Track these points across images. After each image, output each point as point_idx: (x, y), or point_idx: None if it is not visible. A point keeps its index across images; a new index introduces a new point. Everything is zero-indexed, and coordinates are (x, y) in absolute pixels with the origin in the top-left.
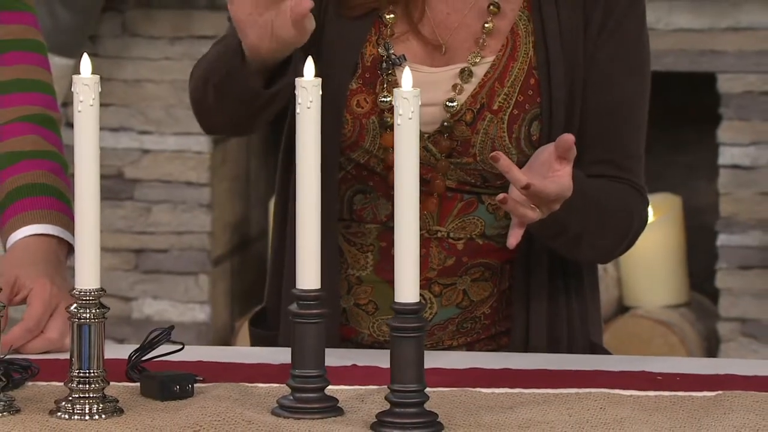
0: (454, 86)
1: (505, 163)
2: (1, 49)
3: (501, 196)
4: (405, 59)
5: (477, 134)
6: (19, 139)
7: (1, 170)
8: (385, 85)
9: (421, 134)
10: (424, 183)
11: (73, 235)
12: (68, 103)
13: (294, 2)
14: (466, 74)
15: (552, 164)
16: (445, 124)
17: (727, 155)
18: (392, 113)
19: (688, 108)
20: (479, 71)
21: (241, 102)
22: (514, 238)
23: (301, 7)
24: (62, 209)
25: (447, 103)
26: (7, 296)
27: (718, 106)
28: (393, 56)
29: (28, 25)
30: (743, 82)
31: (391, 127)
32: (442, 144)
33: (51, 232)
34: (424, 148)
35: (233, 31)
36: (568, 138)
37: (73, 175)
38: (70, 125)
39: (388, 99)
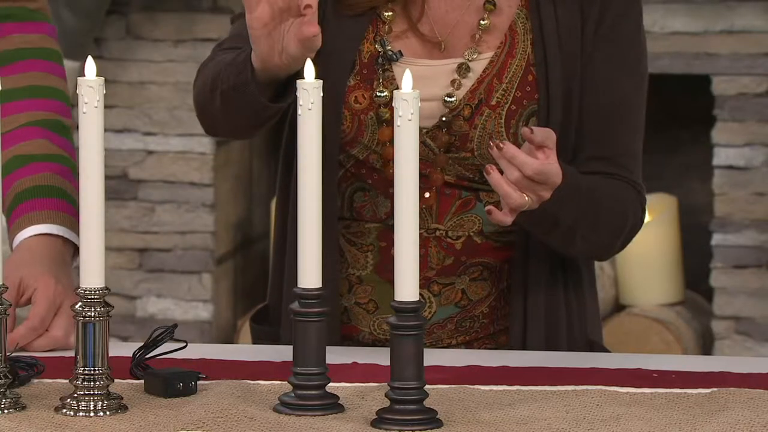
0: (453, 81)
1: (496, 173)
2: (17, 57)
3: (488, 207)
4: (402, 54)
5: (475, 129)
6: (29, 142)
7: (10, 173)
8: (381, 80)
9: (420, 129)
10: (423, 178)
11: (78, 235)
12: (73, 105)
13: (300, 22)
14: (464, 69)
15: (536, 157)
16: (444, 119)
17: (721, 156)
18: (388, 108)
19: (683, 109)
20: (477, 67)
21: (247, 112)
22: (504, 216)
23: (307, 32)
24: (68, 210)
25: (445, 98)
26: (14, 297)
27: (713, 107)
28: (390, 52)
29: (44, 34)
30: (737, 84)
31: (387, 122)
32: (441, 139)
33: (56, 232)
34: (422, 143)
35: (237, 32)
36: (524, 130)
37: (78, 176)
38: (76, 127)
39: (384, 94)
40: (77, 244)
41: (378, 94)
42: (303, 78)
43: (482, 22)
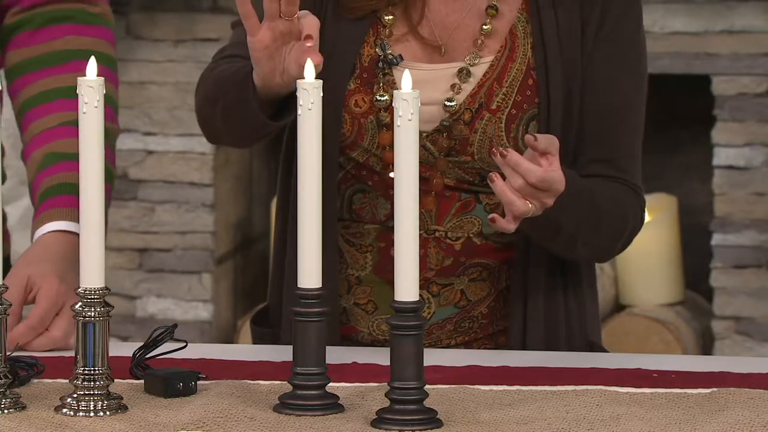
0: (453, 86)
1: (499, 181)
2: (68, 58)
3: (492, 215)
4: (402, 58)
5: (475, 133)
6: (63, 141)
7: (42, 170)
8: (381, 84)
9: (420, 133)
10: (423, 181)
11: None
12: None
13: (301, 48)
14: (464, 74)
15: (539, 163)
16: (444, 123)
17: (721, 156)
18: (388, 112)
19: (683, 109)
20: (478, 71)
21: (248, 127)
22: (507, 223)
23: (309, 57)
24: None
25: (446, 102)
26: (21, 295)
27: (713, 107)
28: (390, 56)
29: (101, 38)
30: (737, 84)
31: (388, 126)
32: (441, 143)
33: (73, 230)
34: (422, 147)
35: (238, 39)
36: (527, 137)
37: (111, 179)
38: (119, 132)
39: (384, 98)
40: None
41: (378, 98)
42: None
43: (484, 27)
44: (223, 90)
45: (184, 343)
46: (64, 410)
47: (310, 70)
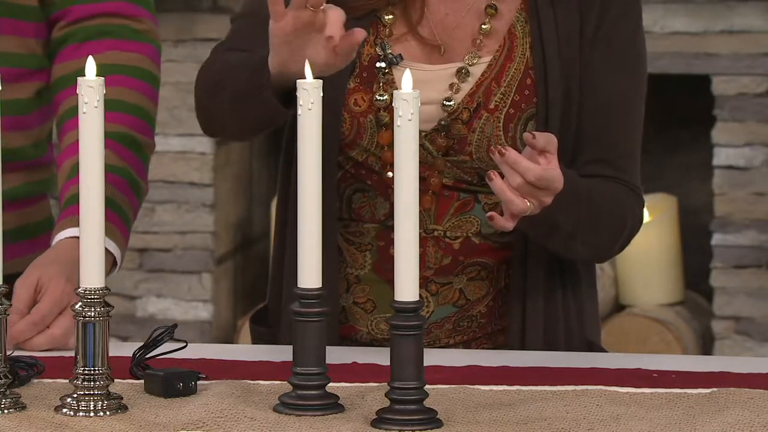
0: (451, 85)
1: (498, 178)
2: (107, 72)
3: (490, 213)
4: (402, 58)
5: (473, 133)
6: None
7: (69, 179)
8: (381, 84)
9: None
10: (421, 181)
11: (116, 245)
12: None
13: (346, 33)
14: (463, 74)
15: (537, 162)
16: (442, 122)
17: (721, 156)
18: (388, 111)
19: (683, 109)
20: (476, 71)
21: (256, 115)
22: (506, 222)
23: (356, 37)
24: (109, 218)
25: (444, 101)
26: (30, 296)
27: (713, 107)
28: (390, 55)
29: (141, 54)
30: (737, 84)
31: (387, 126)
32: (439, 142)
33: None
34: (421, 146)
35: (238, 31)
36: (526, 135)
37: (138, 192)
38: (153, 147)
39: (384, 98)
40: (113, 254)
41: (378, 97)
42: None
43: (483, 26)
44: (232, 76)
45: (184, 343)
46: (64, 410)
47: (309, 70)
